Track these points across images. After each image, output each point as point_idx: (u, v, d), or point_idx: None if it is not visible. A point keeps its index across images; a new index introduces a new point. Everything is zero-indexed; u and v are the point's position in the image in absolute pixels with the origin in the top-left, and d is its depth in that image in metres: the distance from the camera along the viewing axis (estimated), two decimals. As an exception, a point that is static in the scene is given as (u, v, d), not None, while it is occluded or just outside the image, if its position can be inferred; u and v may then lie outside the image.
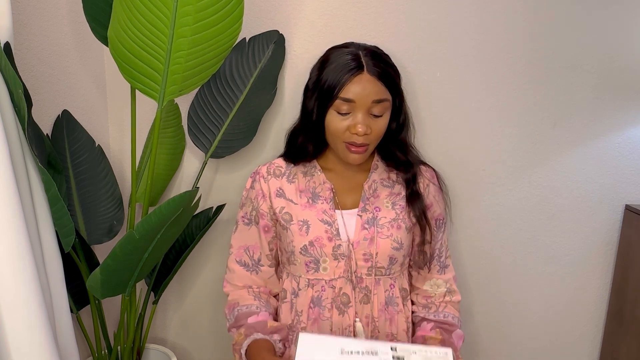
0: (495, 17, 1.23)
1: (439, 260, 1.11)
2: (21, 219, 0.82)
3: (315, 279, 1.04)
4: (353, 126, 0.97)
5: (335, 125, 0.98)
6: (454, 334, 1.06)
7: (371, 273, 1.03)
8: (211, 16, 0.93)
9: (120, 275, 0.99)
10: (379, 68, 0.97)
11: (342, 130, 0.98)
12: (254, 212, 1.08)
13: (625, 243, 1.32)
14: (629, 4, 1.21)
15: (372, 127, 0.98)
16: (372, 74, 0.96)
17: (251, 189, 1.09)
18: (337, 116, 0.98)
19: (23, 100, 0.85)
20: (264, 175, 1.08)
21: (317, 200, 1.05)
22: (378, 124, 0.99)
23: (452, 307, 1.10)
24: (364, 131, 0.96)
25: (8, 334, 0.82)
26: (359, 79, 0.96)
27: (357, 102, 0.96)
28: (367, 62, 0.97)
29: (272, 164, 1.10)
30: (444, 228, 1.12)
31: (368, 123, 0.97)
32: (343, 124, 0.98)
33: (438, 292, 1.10)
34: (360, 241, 1.02)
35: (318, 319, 1.03)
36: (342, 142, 0.99)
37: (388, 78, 0.99)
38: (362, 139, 0.97)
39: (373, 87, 0.96)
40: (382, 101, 0.98)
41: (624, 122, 1.28)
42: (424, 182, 1.09)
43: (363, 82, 0.96)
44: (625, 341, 1.31)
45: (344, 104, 0.96)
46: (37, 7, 1.10)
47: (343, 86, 0.96)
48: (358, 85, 0.95)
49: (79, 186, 1.19)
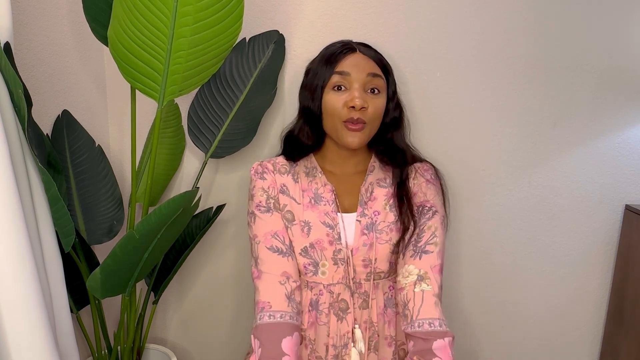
0: (495, 17, 1.23)
1: (416, 245, 0.99)
2: (21, 219, 0.82)
3: (314, 282, 1.03)
4: (350, 100, 0.97)
5: (333, 103, 0.99)
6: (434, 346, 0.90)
7: (370, 278, 1.02)
8: (211, 16, 0.93)
9: (120, 275, 0.99)
10: (371, 51, 1.03)
11: (340, 106, 0.98)
12: (270, 200, 1.04)
13: (625, 243, 1.32)
14: (629, 4, 1.21)
15: (369, 102, 0.98)
16: (364, 53, 1.02)
17: (261, 179, 1.05)
18: (334, 93, 0.99)
19: (23, 100, 0.85)
20: (271, 170, 1.07)
21: (320, 201, 1.05)
22: (375, 101, 1.00)
23: (427, 306, 0.94)
24: (361, 104, 0.96)
25: (8, 334, 0.82)
26: (353, 56, 1.01)
27: (353, 74, 0.98)
28: (359, 47, 1.03)
29: (276, 161, 1.09)
30: (429, 215, 1.02)
31: (365, 98, 0.98)
32: (340, 98, 0.99)
33: (408, 281, 0.97)
34: (359, 247, 1.02)
35: (315, 322, 1.03)
36: (341, 121, 0.99)
37: (381, 61, 1.03)
38: (359, 113, 0.97)
39: (367, 63, 1.01)
40: (377, 76, 1.00)
41: (624, 122, 1.28)
42: (418, 178, 1.07)
43: (357, 58, 1.01)
44: (625, 341, 1.31)
45: (340, 78, 0.99)
46: (37, 7, 1.10)
47: (338, 62, 1.00)
48: (352, 60, 1.00)
49: (79, 186, 1.19)
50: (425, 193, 1.05)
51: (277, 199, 1.04)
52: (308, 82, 1.04)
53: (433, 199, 1.05)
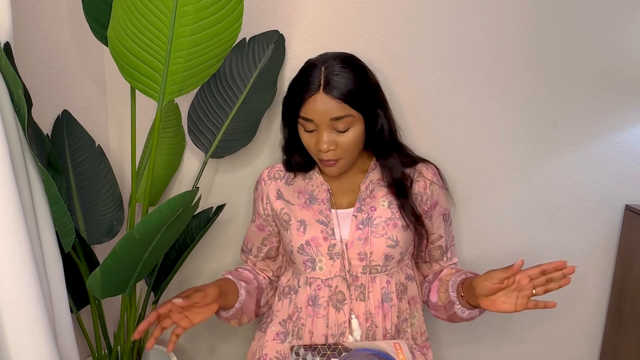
0: (495, 17, 1.23)
1: (446, 254, 1.16)
2: (21, 219, 0.82)
3: (313, 277, 1.07)
4: (317, 144, 0.99)
5: (306, 142, 1.03)
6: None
7: (366, 271, 1.05)
8: (211, 16, 0.93)
9: (120, 275, 0.99)
10: (339, 86, 0.95)
11: (312, 146, 1.02)
12: (254, 211, 1.17)
13: (625, 243, 1.32)
14: (629, 4, 1.21)
15: (337, 142, 0.99)
16: (327, 92, 0.95)
17: (255, 190, 1.16)
18: (305, 133, 1.02)
19: (23, 100, 0.85)
20: (265, 179, 1.14)
21: (315, 202, 1.09)
22: (344, 139, 0.99)
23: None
24: (327, 148, 0.98)
25: (8, 334, 0.82)
26: (314, 99, 0.96)
27: (316, 120, 0.98)
28: (327, 81, 0.95)
29: (274, 168, 1.15)
30: (450, 221, 1.16)
31: (332, 139, 0.98)
32: (312, 140, 1.01)
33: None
34: (354, 241, 1.04)
35: (314, 316, 1.06)
36: (317, 158, 1.03)
37: (349, 96, 0.96)
38: (330, 154, 1.00)
39: (329, 105, 0.95)
40: (342, 117, 0.96)
41: (624, 122, 1.28)
42: (425, 180, 1.10)
43: (318, 101, 0.96)
44: (625, 341, 1.31)
45: (305, 122, 0.99)
46: (37, 7, 1.10)
47: (302, 105, 0.98)
48: (314, 104, 0.96)
49: (79, 186, 1.19)
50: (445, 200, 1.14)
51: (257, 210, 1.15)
52: (284, 113, 1.07)
53: (446, 205, 1.15)
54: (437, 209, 1.12)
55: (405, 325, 1.09)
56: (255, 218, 1.16)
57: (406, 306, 1.09)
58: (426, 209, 1.11)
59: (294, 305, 1.09)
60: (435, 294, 1.10)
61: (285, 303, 1.12)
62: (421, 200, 1.09)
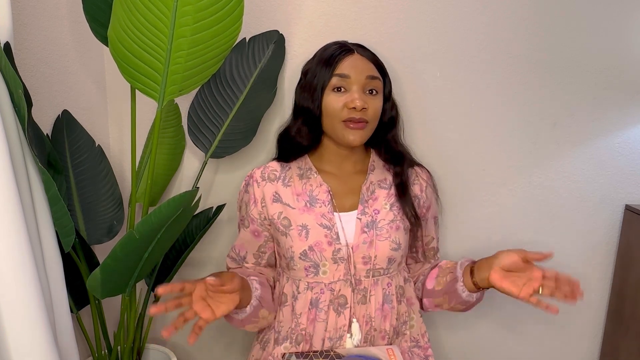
0: (495, 17, 1.23)
1: (437, 254, 1.20)
2: (21, 219, 0.82)
3: (315, 282, 1.04)
4: (351, 101, 0.99)
5: (333, 105, 1.01)
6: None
7: (369, 275, 1.03)
8: (211, 16, 0.93)
9: (120, 275, 0.99)
10: (368, 53, 1.05)
11: (340, 107, 1.00)
12: (245, 215, 1.10)
13: (625, 243, 1.32)
14: (629, 4, 1.21)
15: (368, 103, 1.00)
16: (362, 55, 1.03)
17: (245, 192, 1.10)
18: (334, 95, 1.01)
19: (23, 100, 0.85)
20: (258, 180, 1.08)
21: (315, 203, 1.05)
22: (374, 102, 1.02)
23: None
24: (361, 105, 0.98)
25: (8, 334, 0.82)
26: (351, 58, 1.02)
27: (352, 76, 1.00)
28: (356, 48, 1.04)
29: (267, 167, 1.10)
30: (438, 223, 1.20)
31: (364, 99, 1.00)
32: (340, 99, 1.00)
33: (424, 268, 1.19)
34: (359, 245, 1.03)
35: (314, 320, 1.04)
36: (340, 121, 1.01)
37: (378, 63, 1.05)
38: (360, 113, 0.99)
39: (366, 65, 1.02)
40: (376, 78, 1.02)
41: (624, 122, 1.28)
42: (421, 183, 1.11)
43: (355, 59, 1.02)
44: (625, 341, 1.31)
45: (340, 80, 1.00)
46: (37, 7, 1.10)
47: (337, 64, 1.01)
48: (351, 62, 1.01)
49: (79, 186, 1.19)
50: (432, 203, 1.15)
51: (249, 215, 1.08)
52: (307, 83, 1.05)
53: (437, 208, 1.17)
54: (431, 211, 1.14)
55: (405, 328, 1.09)
56: (249, 223, 1.09)
57: (405, 309, 1.09)
58: (424, 212, 1.12)
59: (293, 314, 1.05)
60: (433, 280, 1.11)
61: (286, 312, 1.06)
62: (419, 203, 1.10)
